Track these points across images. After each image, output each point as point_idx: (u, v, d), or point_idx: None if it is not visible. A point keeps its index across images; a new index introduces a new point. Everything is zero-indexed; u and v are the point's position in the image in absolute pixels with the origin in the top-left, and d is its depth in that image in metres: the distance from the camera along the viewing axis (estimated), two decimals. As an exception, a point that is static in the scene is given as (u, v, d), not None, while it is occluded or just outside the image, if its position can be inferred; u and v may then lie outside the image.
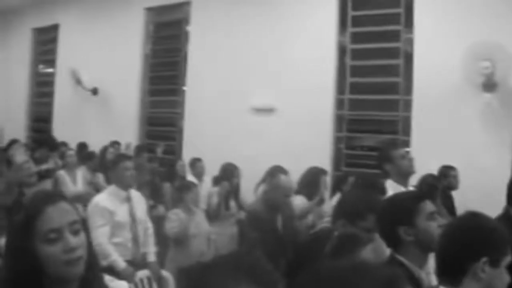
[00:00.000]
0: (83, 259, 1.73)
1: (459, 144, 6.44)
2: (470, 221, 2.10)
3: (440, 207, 5.26)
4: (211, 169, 7.46)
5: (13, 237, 1.75)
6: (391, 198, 2.99)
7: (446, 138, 6.55)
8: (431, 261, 2.35)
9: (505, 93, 6.33)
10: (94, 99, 10.59)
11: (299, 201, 5.57)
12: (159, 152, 8.99)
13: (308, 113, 7.71)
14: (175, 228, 5.40)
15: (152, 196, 7.29)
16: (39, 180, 6.19)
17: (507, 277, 2.03)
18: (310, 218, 5.77)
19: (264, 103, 8.18)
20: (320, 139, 7.70)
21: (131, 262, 4.80)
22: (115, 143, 9.06)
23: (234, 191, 6.95)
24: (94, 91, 10.52)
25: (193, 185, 5.92)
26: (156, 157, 8.82)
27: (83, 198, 6.83)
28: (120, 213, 4.84)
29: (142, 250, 4.98)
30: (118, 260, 4.68)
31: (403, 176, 4.28)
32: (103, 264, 4.50)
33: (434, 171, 6.15)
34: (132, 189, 5.14)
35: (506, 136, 6.29)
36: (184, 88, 9.63)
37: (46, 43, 12.55)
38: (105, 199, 4.88)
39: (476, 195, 5.84)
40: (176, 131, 9.81)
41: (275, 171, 4.87)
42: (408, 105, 7.19)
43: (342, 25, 7.88)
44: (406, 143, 6.91)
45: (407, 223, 2.43)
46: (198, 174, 7.72)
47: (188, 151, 8.95)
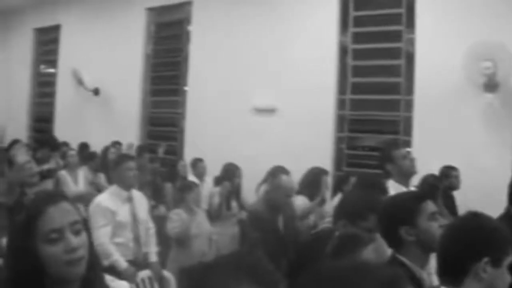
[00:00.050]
0: (85, 259, 1.73)
1: (460, 144, 6.43)
2: (472, 221, 2.10)
3: (442, 207, 5.26)
4: (213, 169, 7.46)
5: (14, 237, 1.76)
6: (392, 198, 2.99)
7: (447, 138, 6.55)
8: (433, 261, 2.35)
9: (506, 93, 6.32)
10: (95, 99, 10.59)
11: (300, 201, 5.57)
12: (160, 152, 8.99)
13: (309, 113, 7.71)
14: (177, 228, 5.40)
15: (154, 196, 7.30)
16: (41, 180, 6.20)
17: (508, 277, 2.03)
18: (312, 218, 5.77)
19: (266, 103, 8.18)
20: (322, 139, 7.70)
21: (133, 262, 4.80)
22: (116, 143, 9.06)
23: (235, 191, 6.95)
24: (96, 91, 10.52)
25: (195, 185, 5.92)
26: (158, 157, 8.83)
27: (85, 198, 6.83)
28: (122, 213, 4.85)
29: (144, 250, 4.98)
30: (120, 260, 4.68)
31: (405, 176, 4.28)
32: (105, 264, 4.52)
33: (436, 171, 6.16)
34: (134, 189, 5.14)
35: (508, 136, 6.28)
36: (186, 88, 9.64)
37: (47, 43, 12.56)
38: (107, 199, 4.88)
39: (477, 195, 5.84)
40: (178, 131, 9.81)
41: (277, 171, 4.87)
42: (409, 105, 7.19)
43: (344, 25, 7.87)
44: (408, 143, 6.91)
45: (408, 223, 2.43)
46: (200, 174, 7.71)
47: (190, 151, 8.96)
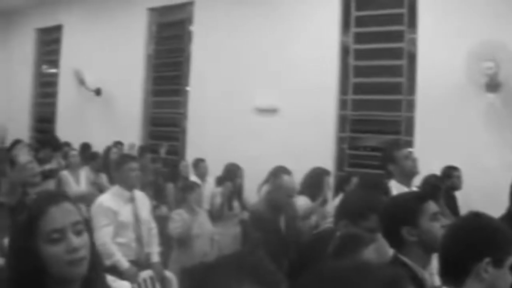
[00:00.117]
0: (86, 260, 1.73)
1: (462, 144, 6.43)
2: (473, 221, 2.09)
3: (443, 208, 5.25)
4: (214, 170, 7.46)
5: (16, 237, 1.76)
6: (394, 198, 2.99)
7: (449, 138, 6.54)
8: (434, 262, 2.35)
9: (508, 93, 6.31)
10: (97, 100, 10.60)
11: (302, 202, 5.56)
12: (162, 152, 9.00)
13: (311, 114, 7.71)
14: (178, 229, 5.40)
15: (155, 196, 7.31)
16: (43, 180, 6.21)
17: (510, 278, 2.02)
18: (313, 218, 5.76)
19: (267, 104, 8.18)
20: (323, 140, 7.70)
21: (135, 262, 4.80)
22: (118, 144, 9.07)
23: (237, 192, 6.95)
24: (98, 92, 10.53)
25: (196, 186, 5.92)
26: (159, 157, 8.83)
27: (86, 198, 6.84)
28: (124, 213, 4.85)
29: (146, 250, 4.99)
30: (122, 260, 4.69)
31: (407, 176, 4.27)
32: (107, 264, 4.52)
33: (437, 171, 6.16)
34: (136, 189, 5.14)
35: (509, 136, 6.27)
36: (187, 88, 9.64)
37: (49, 43, 12.58)
38: (109, 199, 4.89)
39: (479, 195, 5.84)
40: (179, 132, 9.81)
41: (278, 172, 4.87)
42: (411, 105, 7.19)
43: (345, 25, 7.87)
44: (409, 144, 6.90)
45: (410, 224, 2.43)
46: (201, 174, 7.71)
47: (191, 152, 8.96)
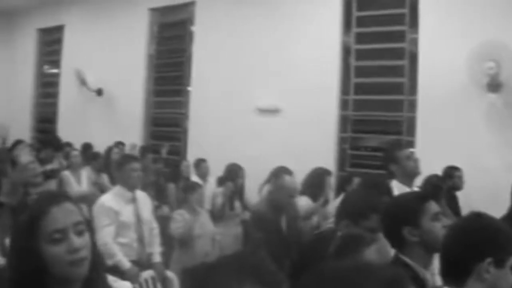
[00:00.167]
0: (87, 260, 1.73)
1: (463, 144, 6.42)
2: (475, 221, 2.09)
3: (445, 208, 5.25)
4: (216, 170, 7.46)
5: (17, 237, 1.76)
6: (395, 198, 3.00)
7: (450, 138, 6.53)
8: (436, 262, 2.35)
9: (509, 94, 6.30)
10: (98, 100, 10.61)
11: (303, 202, 5.56)
12: (163, 152, 8.99)
13: (312, 114, 7.70)
14: (180, 229, 5.40)
15: (157, 196, 7.30)
16: (44, 181, 6.21)
17: (511, 278, 2.02)
18: (315, 219, 5.76)
19: (269, 104, 8.18)
20: (325, 140, 7.70)
21: (136, 262, 4.81)
22: (119, 144, 9.07)
23: (238, 192, 6.95)
24: (99, 92, 10.53)
25: (198, 186, 5.92)
26: (161, 157, 8.82)
27: (88, 199, 6.84)
28: (125, 213, 4.85)
29: (147, 251, 4.99)
30: (123, 260, 4.69)
31: (409, 176, 4.27)
32: (109, 264, 4.53)
33: (439, 171, 6.15)
34: (138, 189, 5.14)
35: (511, 136, 6.26)
36: (189, 88, 9.64)
37: (51, 43, 12.59)
38: (110, 200, 4.89)
39: (481, 195, 5.84)
40: (181, 132, 9.82)
41: (280, 172, 4.87)
42: (412, 105, 7.18)
43: (347, 26, 7.87)
44: (411, 144, 6.89)
45: (411, 224, 2.43)
46: (203, 174, 7.71)
47: (193, 152, 8.96)
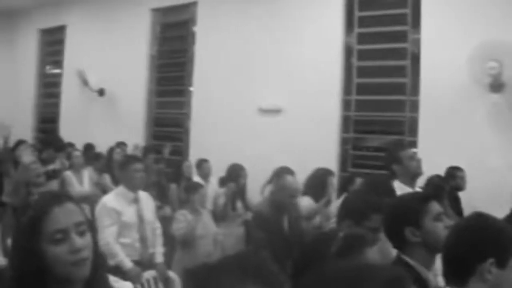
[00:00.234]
0: (89, 260, 1.73)
1: (466, 144, 6.41)
2: (477, 221, 2.09)
3: (447, 208, 5.24)
4: (218, 170, 7.46)
5: (19, 237, 1.76)
6: (398, 199, 2.99)
7: (453, 138, 6.52)
8: (438, 262, 2.34)
9: (512, 94, 6.31)
10: (100, 100, 10.61)
11: (306, 202, 5.55)
12: (165, 153, 8.98)
13: (314, 114, 7.70)
14: (182, 229, 5.40)
15: (159, 197, 7.30)
16: (46, 181, 6.23)
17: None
18: (317, 219, 5.76)
19: (271, 104, 8.17)
20: (327, 140, 7.69)
21: (138, 263, 4.81)
22: (121, 144, 9.06)
23: (240, 192, 6.94)
24: (101, 92, 10.53)
25: (200, 186, 5.92)
26: (163, 158, 8.82)
27: (90, 199, 6.86)
28: (128, 213, 4.86)
29: (150, 251, 5.00)
30: (125, 260, 4.69)
31: (411, 177, 4.26)
32: (111, 264, 4.54)
33: (441, 172, 6.14)
34: (140, 190, 5.15)
35: (513, 136, 6.26)
36: (191, 88, 9.64)
37: (53, 44, 12.60)
38: (113, 200, 4.90)
39: (483, 196, 5.83)
40: (183, 132, 9.82)
41: (282, 172, 4.87)
42: (415, 105, 7.17)
43: (349, 26, 7.86)
44: (413, 144, 6.88)
45: (413, 224, 2.43)
46: (205, 175, 7.70)
47: (195, 152, 8.96)
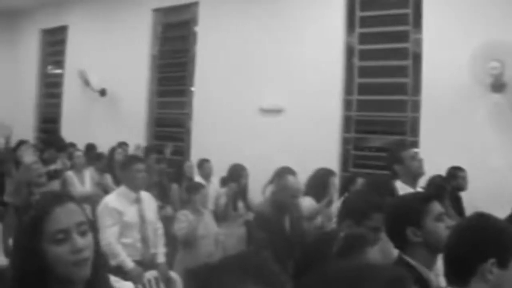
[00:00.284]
0: (90, 260, 1.73)
1: (467, 145, 6.41)
2: (478, 222, 2.08)
3: (449, 208, 5.24)
4: (219, 170, 7.46)
5: (20, 237, 1.76)
6: (399, 199, 2.99)
7: (454, 138, 6.52)
8: (440, 263, 2.34)
9: (513, 94, 6.30)
10: (102, 100, 10.61)
11: (307, 203, 5.54)
12: (167, 153, 8.99)
13: (315, 114, 7.70)
14: (184, 229, 5.40)
15: (160, 197, 7.30)
16: (48, 181, 6.23)
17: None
18: (319, 219, 5.75)
19: (272, 104, 8.17)
20: (328, 140, 7.69)
21: (140, 263, 4.81)
22: (123, 144, 9.06)
23: (242, 192, 6.93)
24: (102, 92, 10.53)
25: (201, 186, 5.92)
26: (164, 158, 8.82)
27: (91, 199, 6.86)
28: (129, 213, 4.86)
29: (152, 251, 5.00)
30: (127, 260, 4.70)
31: (412, 177, 4.26)
32: (112, 264, 4.54)
33: (443, 172, 6.14)
34: (142, 190, 5.15)
35: (515, 136, 6.26)
36: (192, 89, 9.64)
37: (54, 44, 12.61)
38: (114, 200, 4.91)
39: (485, 196, 5.82)
40: (184, 132, 9.82)
41: (283, 172, 4.87)
42: (416, 105, 7.16)
43: (350, 26, 7.85)
44: (415, 144, 6.88)
45: (415, 224, 2.42)
46: (206, 175, 7.70)
47: (196, 152, 8.96)
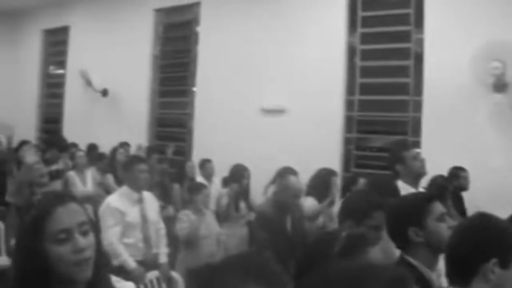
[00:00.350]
0: (92, 260, 1.73)
1: (469, 144, 6.40)
2: (480, 222, 2.08)
3: (450, 208, 5.24)
4: (221, 170, 7.46)
5: (22, 237, 1.76)
6: (401, 199, 2.99)
7: (456, 139, 6.51)
8: (442, 263, 2.34)
9: (515, 94, 6.30)
10: (104, 100, 10.62)
11: (309, 203, 5.54)
12: (169, 153, 8.99)
13: (317, 114, 7.70)
14: (185, 229, 5.40)
15: (162, 197, 7.30)
16: (50, 181, 6.24)
17: (517, 278, 2.02)
18: (321, 219, 5.75)
19: (274, 104, 8.17)
20: (330, 140, 7.68)
21: (142, 263, 4.82)
22: (124, 144, 9.07)
23: (243, 192, 6.93)
24: (104, 92, 10.55)
25: (203, 187, 5.91)
26: (166, 158, 8.82)
27: (93, 199, 6.87)
28: (131, 214, 4.87)
29: (154, 251, 5.01)
30: (129, 260, 4.70)
31: (414, 177, 4.25)
32: (115, 264, 4.55)
33: (444, 172, 6.13)
34: (144, 190, 5.15)
35: (517, 136, 6.25)
36: (194, 89, 9.65)
37: (56, 44, 12.62)
38: (116, 200, 4.91)
39: (486, 196, 5.82)
40: (186, 132, 9.82)
41: (285, 172, 4.86)
42: (418, 105, 7.16)
43: (352, 26, 7.85)
44: (416, 144, 6.87)
45: (417, 224, 2.42)
46: (208, 175, 7.69)
47: (198, 152, 8.96)
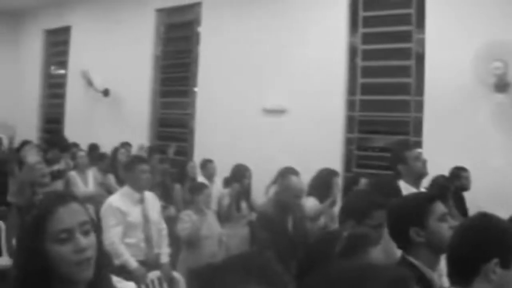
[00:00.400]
0: (93, 260, 1.73)
1: (470, 144, 6.40)
2: (482, 222, 2.08)
3: (452, 208, 5.23)
4: (222, 170, 7.46)
5: (24, 237, 1.76)
6: (402, 199, 2.99)
7: (457, 139, 6.51)
8: (443, 263, 2.34)
9: (517, 94, 6.29)
10: (105, 101, 10.63)
11: (311, 203, 5.54)
12: (170, 153, 8.99)
13: (319, 114, 7.69)
14: (187, 230, 5.40)
15: (163, 197, 7.30)
16: (51, 181, 6.25)
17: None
18: (322, 220, 5.75)
19: (275, 104, 8.17)
20: (331, 141, 7.68)
21: (144, 263, 4.82)
22: (126, 144, 9.07)
23: (245, 193, 6.94)
24: (106, 93, 10.55)
25: (205, 187, 5.91)
26: (167, 158, 8.83)
27: (94, 199, 6.87)
28: (133, 214, 4.87)
29: (156, 251, 5.01)
30: (130, 259, 4.70)
31: (416, 177, 4.25)
32: (116, 264, 4.55)
33: (446, 172, 6.13)
34: (146, 190, 5.15)
35: (518, 137, 6.25)
36: (195, 89, 9.65)
37: (57, 44, 12.63)
38: (118, 200, 4.91)
39: (488, 196, 5.81)
40: (187, 132, 9.83)
41: (286, 172, 4.87)
42: (419, 106, 7.15)
43: (353, 26, 7.85)
44: (418, 144, 6.85)
45: (418, 224, 2.42)
46: (209, 175, 7.69)
47: (199, 152, 8.96)
